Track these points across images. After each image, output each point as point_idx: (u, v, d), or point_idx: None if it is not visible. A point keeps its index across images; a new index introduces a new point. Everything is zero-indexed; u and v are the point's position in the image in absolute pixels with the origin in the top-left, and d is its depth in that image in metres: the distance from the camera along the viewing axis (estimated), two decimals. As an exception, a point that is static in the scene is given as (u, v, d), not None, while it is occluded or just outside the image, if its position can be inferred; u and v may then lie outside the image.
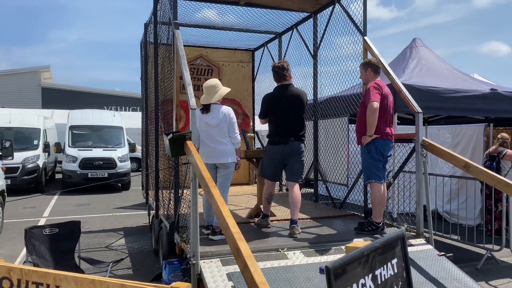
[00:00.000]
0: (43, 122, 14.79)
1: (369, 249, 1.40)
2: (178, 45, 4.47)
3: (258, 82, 9.20)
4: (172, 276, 4.73)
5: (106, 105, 26.20)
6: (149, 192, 7.59)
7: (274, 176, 4.87)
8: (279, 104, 4.71)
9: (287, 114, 4.69)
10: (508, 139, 7.00)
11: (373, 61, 4.77)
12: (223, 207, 2.70)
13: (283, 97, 4.71)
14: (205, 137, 4.57)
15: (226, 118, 4.54)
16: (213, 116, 4.53)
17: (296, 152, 4.73)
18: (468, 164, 3.99)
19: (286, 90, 4.74)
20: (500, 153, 6.89)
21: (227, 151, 4.56)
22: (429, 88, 5.71)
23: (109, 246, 7.03)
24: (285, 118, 4.70)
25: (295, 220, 4.57)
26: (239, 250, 2.30)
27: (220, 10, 6.76)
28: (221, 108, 4.60)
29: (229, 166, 4.61)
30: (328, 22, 6.26)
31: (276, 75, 4.79)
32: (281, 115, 4.71)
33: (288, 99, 4.70)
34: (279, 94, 4.76)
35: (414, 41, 7.31)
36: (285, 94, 4.72)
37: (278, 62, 4.89)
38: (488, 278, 5.27)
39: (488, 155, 7.12)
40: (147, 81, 7.66)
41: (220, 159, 4.55)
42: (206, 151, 4.57)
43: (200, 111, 4.56)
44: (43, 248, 4.05)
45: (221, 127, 4.53)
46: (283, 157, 4.74)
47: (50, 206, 10.80)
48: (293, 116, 4.71)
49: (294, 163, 4.75)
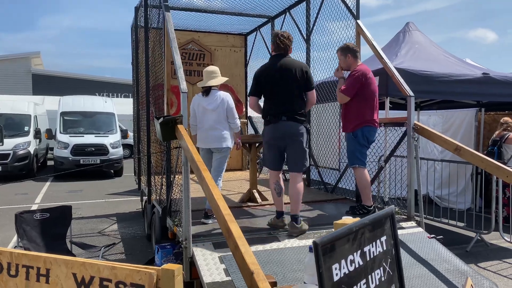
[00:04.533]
0: (34, 108, 14.64)
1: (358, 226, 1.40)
2: (169, 28, 4.40)
3: (251, 67, 9.13)
4: (164, 260, 4.74)
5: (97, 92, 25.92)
6: (141, 178, 7.57)
7: (272, 163, 4.17)
8: (270, 77, 4.03)
9: (278, 88, 4.00)
10: (511, 123, 6.93)
11: (351, 45, 4.62)
12: (214, 189, 2.70)
13: (275, 69, 4.03)
14: (202, 122, 4.62)
15: (224, 104, 4.58)
16: (211, 101, 4.58)
17: (291, 134, 3.99)
18: (459, 147, 4.01)
19: (279, 60, 4.05)
20: (502, 137, 6.82)
21: (221, 137, 4.58)
22: (421, 72, 5.70)
23: (101, 231, 7.03)
24: (277, 93, 4.02)
25: (295, 216, 4.01)
26: (230, 231, 2.30)
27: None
28: (219, 92, 4.65)
29: (223, 151, 4.63)
30: (321, 6, 6.20)
31: (276, 46, 4.11)
32: (273, 90, 4.03)
33: (281, 70, 4.00)
34: (271, 65, 4.09)
35: (408, 25, 7.27)
36: (277, 65, 4.04)
37: (284, 32, 4.20)
38: (477, 260, 5.35)
39: (492, 141, 7.06)
40: (138, 66, 7.57)
41: (215, 143, 4.58)
42: (202, 136, 4.63)
43: (201, 94, 4.65)
44: (34, 233, 4.03)
45: (218, 112, 4.56)
46: (276, 140, 4.06)
47: (42, 193, 10.74)
48: (285, 91, 3.99)
49: (290, 148, 4.05)
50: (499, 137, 6.85)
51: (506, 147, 6.78)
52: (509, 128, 6.83)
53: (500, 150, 6.76)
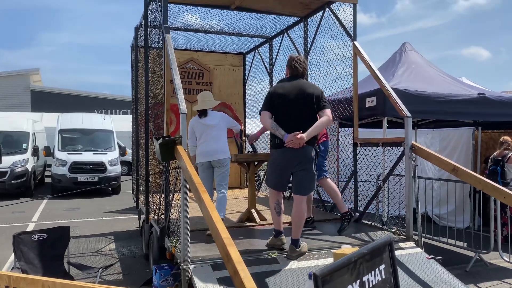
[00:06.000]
0: (32, 126, 14.65)
1: (356, 256, 1.40)
2: (169, 49, 4.46)
3: (249, 86, 9.23)
4: (162, 281, 4.70)
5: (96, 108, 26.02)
6: (140, 197, 7.55)
7: (276, 185, 4.06)
8: (282, 98, 3.89)
9: (290, 109, 3.87)
10: (511, 142, 6.97)
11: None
12: (213, 212, 2.70)
13: (287, 90, 3.92)
14: (203, 137, 4.92)
15: (223, 118, 5.08)
16: (211, 119, 4.99)
17: (300, 158, 3.86)
18: (456, 168, 4.03)
19: (294, 82, 3.98)
20: (504, 157, 6.86)
21: (222, 149, 4.92)
22: (418, 92, 5.77)
23: (99, 251, 6.98)
24: (287, 115, 3.87)
25: (295, 240, 3.92)
26: (229, 256, 2.30)
27: (211, 14, 6.77)
28: (215, 112, 5.13)
29: (224, 162, 4.92)
30: (318, 27, 6.30)
31: (293, 68, 4.05)
32: (283, 111, 3.89)
33: (294, 92, 3.89)
34: (286, 85, 3.99)
35: (404, 45, 7.37)
36: (291, 86, 3.95)
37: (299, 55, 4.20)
38: (477, 281, 5.32)
39: (492, 159, 7.08)
40: (138, 84, 7.63)
41: (216, 156, 4.87)
42: (202, 151, 4.91)
43: (198, 116, 5.02)
44: (31, 254, 4.00)
45: (220, 126, 4.96)
46: (284, 163, 3.93)
47: (39, 211, 10.68)
48: (297, 113, 3.85)
49: (299, 172, 3.93)
50: (501, 156, 6.90)
51: (509, 166, 6.80)
52: (509, 147, 6.89)
53: (503, 169, 6.79)
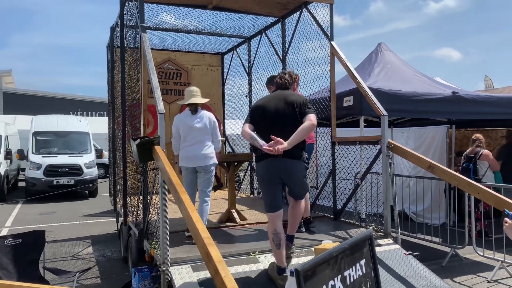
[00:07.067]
0: (5, 129, 14.27)
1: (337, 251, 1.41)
2: (146, 49, 4.41)
3: (228, 86, 9.21)
4: (141, 284, 4.64)
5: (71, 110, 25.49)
6: (117, 199, 7.43)
7: (270, 205, 3.65)
8: (261, 108, 3.72)
9: (270, 120, 3.64)
10: (483, 139, 7.13)
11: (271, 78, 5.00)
12: (193, 212, 2.68)
13: (267, 100, 3.77)
14: (187, 141, 4.64)
15: (211, 123, 4.69)
16: (198, 119, 4.65)
17: (288, 171, 3.59)
18: (432, 165, 4.11)
19: (277, 93, 3.83)
20: (476, 154, 6.99)
21: (208, 155, 4.65)
22: (394, 91, 5.86)
23: (75, 255, 6.83)
24: (268, 126, 3.61)
25: (291, 236, 3.85)
26: (210, 256, 2.28)
27: (188, 14, 6.72)
28: (204, 111, 4.75)
29: (210, 169, 4.69)
30: (296, 27, 6.33)
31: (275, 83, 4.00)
32: (263, 122, 3.67)
33: (272, 101, 3.72)
34: (265, 97, 3.89)
35: (380, 45, 7.49)
36: (271, 96, 3.84)
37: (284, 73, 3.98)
38: (453, 275, 5.44)
39: (465, 156, 7.22)
40: (114, 85, 7.51)
41: (202, 161, 4.62)
42: (187, 155, 4.64)
43: (190, 111, 4.67)
44: (5, 260, 3.88)
45: (205, 131, 4.64)
46: (268, 174, 3.62)
47: (13, 216, 10.39)
48: (278, 124, 3.60)
49: (289, 182, 3.69)
50: (473, 154, 7.03)
51: (480, 163, 6.95)
52: (481, 145, 7.04)
53: (475, 166, 6.94)
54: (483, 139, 7.22)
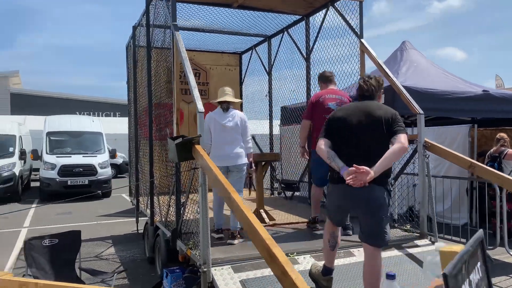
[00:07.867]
0: (18, 129, 14.27)
1: (468, 254, 1.34)
2: (180, 48, 4.35)
3: (246, 85, 9.16)
4: (174, 285, 4.59)
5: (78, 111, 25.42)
6: (140, 199, 7.39)
7: (333, 219, 3.36)
8: (341, 122, 3.16)
9: (351, 138, 3.09)
10: (507, 139, 7.05)
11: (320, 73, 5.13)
12: (248, 213, 2.62)
13: (349, 113, 3.17)
14: (219, 140, 4.59)
15: (242, 122, 4.66)
16: (230, 118, 4.61)
17: (368, 201, 3.01)
18: (473, 165, 4.04)
19: (357, 103, 3.26)
20: (501, 153, 6.91)
21: (239, 154, 4.61)
22: (425, 90, 5.78)
23: (99, 255, 6.80)
24: (348, 144, 3.09)
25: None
26: (274, 256, 2.22)
27: (211, 12, 6.67)
28: (235, 111, 4.73)
29: (242, 168, 4.64)
30: (322, 25, 6.27)
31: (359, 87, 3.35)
32: (342, 138, 3.13)
33: (355, 115, 3.13)
34: (345, 107, 3.33)
35: (404, 43, 7.41)
36: (353, 108, 3.23)
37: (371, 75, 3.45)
38: (485, 276, 5.36)
39: (489, 156, 7.14)
40: (136, 85, 7.47)
41: (234, 161, 4.59)
42: (219, 154, 4.56)
43: (221, 109, 4.66)
44: (42, 260, 3.84)
45: (237, 130, 4.60)
46: (342, 202, 3.21)
47: (30, 216, 10.38)
48: (361, 143, 3.05)
49: (365, 215, 3.11)
50: (497, 153, 6.94)
51: (505, 162, 6.87)
52: (506, 144, 6.95)
53: (500, 165, 6.85)
54: (508, 138, 7.12)
